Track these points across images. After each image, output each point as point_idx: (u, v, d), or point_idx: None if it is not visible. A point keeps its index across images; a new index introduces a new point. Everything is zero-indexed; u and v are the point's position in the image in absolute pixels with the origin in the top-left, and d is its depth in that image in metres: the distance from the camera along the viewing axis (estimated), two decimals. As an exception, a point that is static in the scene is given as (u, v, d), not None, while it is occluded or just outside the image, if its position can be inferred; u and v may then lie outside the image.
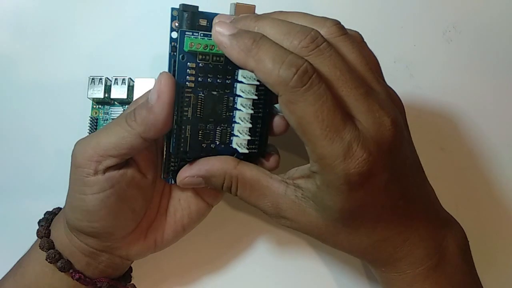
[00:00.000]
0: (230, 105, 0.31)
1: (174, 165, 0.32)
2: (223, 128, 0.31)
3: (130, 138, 0.29)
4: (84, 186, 0.30)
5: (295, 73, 0.24)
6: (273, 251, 0.40)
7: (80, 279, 0.32)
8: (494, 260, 0.42)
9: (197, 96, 0.30)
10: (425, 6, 0.47)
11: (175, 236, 0.35)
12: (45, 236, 0.33)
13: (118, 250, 0.33)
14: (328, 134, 0.25)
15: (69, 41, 0.43)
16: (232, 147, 0.32)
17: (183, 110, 0.30)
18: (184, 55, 0.29)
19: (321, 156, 0.25)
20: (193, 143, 0.31)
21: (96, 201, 0.30)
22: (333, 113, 0.25)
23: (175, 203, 0.35)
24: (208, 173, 0.31)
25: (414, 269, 0.30)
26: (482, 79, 0.45)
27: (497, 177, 0.44)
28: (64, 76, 0.42)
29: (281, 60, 0.24)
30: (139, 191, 0.32)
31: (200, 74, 0.30)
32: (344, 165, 0.25)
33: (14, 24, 0.43)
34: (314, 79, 0.24)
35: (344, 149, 0.25)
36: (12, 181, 0.41)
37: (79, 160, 0.30)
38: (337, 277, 0.41)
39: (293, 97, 0.25)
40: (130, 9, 0.45)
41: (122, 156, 0.30)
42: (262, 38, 0.26)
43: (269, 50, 0.25)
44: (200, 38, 0.29)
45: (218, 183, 0.31)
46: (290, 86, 0.24)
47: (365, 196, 0.27)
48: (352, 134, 0.25)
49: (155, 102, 0.28)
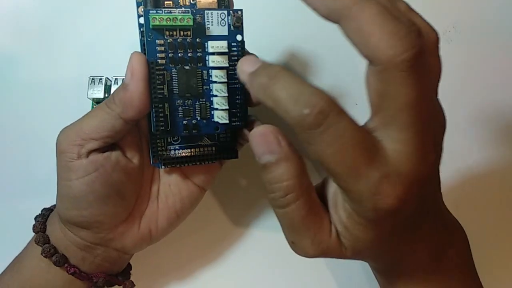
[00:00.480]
0: (205, 78, 0.31)
1: (161, 149, 0.32)
2: (202, 103, 0.31)
3: (111, 120, 0.30)
4: (69, 171, 0.30)
5: (309, 113, 0.22)
6: (270, 245, 0.41)
7: (75, 274, 0.32)
8: (494, 260, 0.41)
9: (170, 72, 0.30)
10: (425, 6, 0.46)
11: (169, 224, 0.35)
12: (40, 231, 0.33)
13: (112, 242, 0.33)
14: (351, 173, 0.23)
15: (69, 41, 0.43)
16: (214, 121, 0.32)
17: (157, 88, 0.30)
18: (151, 33, 0.30)
19: (347, 190, 0.24)
20: (174, 120, 0.31)
21: (82, 186, 0.30)
22: (355, 153, 0.23)
23: (165, 189, 0.35)
24: (290, 155, 0.26)
25: (414, 274, 0.30)
26: (482, 79, 0.45)
27: (497, 177, 0.43)
28: (64, 76, 0.43)
29: (296, 99, 0.23)
30: (126, 176, 0.32)
31: (169, 50, 0.30)
32: (373, 201, 0.23)
33: (14, 24, 0.43)
34: (331, 119, 0.22)
35: (372, 187, 0.23)
36: (12, 180, 0.41)
37: (62, 146, 0.30)
38: (334, 272, 0.41)
39: (309, 138, 0.23)
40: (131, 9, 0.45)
41: (104, 139, 0.30)
42: (279, 73, 0.24)
43: (284, 87, 0.23)
44: (164, 14, 0.29)
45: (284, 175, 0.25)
46: (305, 128, 0.22)
47: (394, 225, 0.26)
48: (381, 171, 0.23)
49: (129, 80, 0.29)
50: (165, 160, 0.33)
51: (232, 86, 0.32)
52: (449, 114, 0.44)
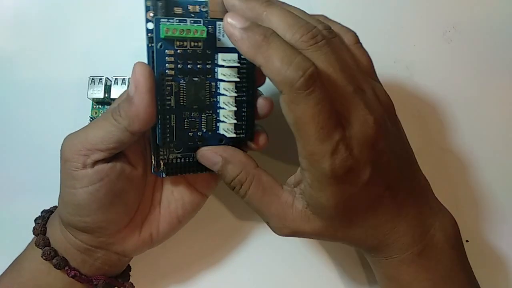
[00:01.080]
0: (213, 90, 0.31)
1: (164, 158, 0.32)
2: (208, 115, 0.31)
3: (117, 133, 0.29)
4: (74, 180, 0.30)
5: (301, 75, 0.25)
6: (271, 247, 0.40)
7: (76, 276, 0.32)
8: (493, 259, 0.41)
9: (179, 83, 0.30)
10: (425, 6, 0.47)
11: (170, 229, 0.35)
12: (41, 233, 0.33)
13: (113, 245, 0.33)
14: (320, 134, 0.26)
15: (69, 41, 0.43)
16: (219, 133, 0.32)
17: (165, 99, 0.30)
18: (161, 43, 0.29)
19: (310, 153, 0.27)
20: (179, 132, 0.31)
21: (86, 195, 0.30)
22: (328, 116, 0.26)
23: (168, 195, 0.35)
24: (230, 158, 0.31)
25: (401, 254, 0.31)
26: (482, 79, 0.45)
27: (497, 177, 0.43)
28: (64, 76, 0.42)
29: (290, 61, 0.26)
30: (130, 184, 0.32)
31: (179, 61, 0.30)
32: (330, 161, 0.27)
33: (14, 24, 0.43)
34: (319, 83, 0.26)
35: (332, 148, 0.27)
36: (12, 180, 0.41)
37: (67, 154, 0.30)
38: (334, 271, 0.41)
39: (295, 98, 0.26)
40: (132, 9, 0.45)
41: (110, 150, 0.30)
42: (273, 35, 0.27)
43: (279, 49, 0.26)
44: (176, 23, 0.29)
45: (233, 173, 0.31)
46: (295, 88, 0.26)
47: (351, 188, 0.28)
48: (340, 135, 0.27)
49: (134, 93, 0.28)
50: (167, 169, 0.32)
51: (239, 98, 0.31)
52: (449, 114, 0.45)
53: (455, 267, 0.32)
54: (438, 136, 0.44)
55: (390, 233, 0.31)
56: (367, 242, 0.32)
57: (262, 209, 0.31)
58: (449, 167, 0.43)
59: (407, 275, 0.32)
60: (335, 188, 0.28)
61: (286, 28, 0.27)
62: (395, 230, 0.31)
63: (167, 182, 0.35)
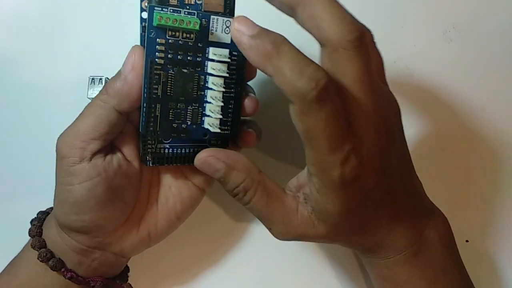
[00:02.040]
0: (201, 83, 0.31)
1: (151, 147, 0.31)
2: (194, 107, 0.31)
3: (106, 114, 0.29)
4: (71, 175, 0.30)
5: (314, 87, 0.24)
6: (271, 247, 0.40)
7: (72, 278, 0.32)
8: (493, 259, 0.41)
9: (167, 73, 0.30)
10: (425, 6, 0.46)
11: (169, 226, 0.34)
12: (36, 235, 0.32)
13: (110, 245, 0.32)
14: (332, 145, 0.26)
15: (69, 41, 0.43)
16: (203, 127, 0.31)
17: (152, 88, 0.29)
18: (153, 31, 0.29)
19: (320, 161, 0.27)
20: (164, 123, 0.30)
21: (84, 191, 0.30)
22: (341, 128, 0.26)
23: (165, 191, 0.34)
24: (234, 164, 0.30)
25: (396, 255, 0.32)
26: (482, 79, 0.45)
27: (497, 177, 0.43)
28: (64, 76, 0.42)
29: (301, 72, 0.24)
30: (127, 179, 0.32)
31: (170, 50, 0.29)
32: (340, 170, 0.26)
33: (14, 24, 0.43)
34: (332, 94, 0.25)
35: (343, 159, 0.26)
36: (11, 181, 0.41)
37: (63, 151, 0.30)
38: (335, 271, 0.40)
39: (307, 110, 0.25)
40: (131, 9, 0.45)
41: (104, 136, 0.30)
42: (284, 43, 0.26)
43: (290, 58, 0.25)
44: (170, 13, 0.29)
45: (237, 180, 0.30)
46: (307, 100, 0.24)
47: (357, 194, 0.28)
48: (351, 145, 0.26)
49: (129, 72, 0.29)
50: (154, 158, 0.32)
51: (226, 94, 0.31)
52: (449, 114, 0.45)
53: (449, 265, 0.33)
54: (438, 135, 0.44)
55: (387, 236, 0.31)
56: (364, 244, 0.32)
57: (267, 215, 0.30)
58: (449, 167, 0.43)
59: (402, 274, 0.32)
60: (342, 195, 0.28)
61: (333, 20, 0.25)
62: (391, 233, 0.31)
63: (165, 178, 0.35)
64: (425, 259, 0.32)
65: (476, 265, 0.34)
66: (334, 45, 0.25)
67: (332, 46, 0.26)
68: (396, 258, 0.32)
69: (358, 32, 0.25)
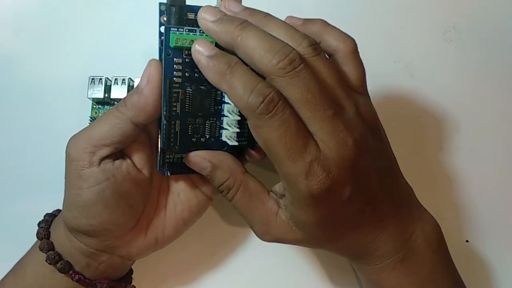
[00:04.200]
0: (218, 98, 0.31)
1: (169, 158, 0.32)
2: (212, 121, 0.32)
3: (121, 124, 0.30)
4: (80, 179, 0.30)
5: (262, 101, 0.26)
6: (273, 249, 0.40)
7: (80, 280, 0.32)
8: (492, 260, 0.41)
9: (185, 91, 0.30)
10: (425, 6, 0.47)
11: (176, 231, 0.35)
12: (45, 237, 0.32)
13: (118, 249, 0.33)
14: (290, 155, 0.27)
15: (69, 41, 0.43)
16: (221, 140, 0.32)
17: (171, 105, 0.30)
18: (170, 51, 0.30)
19: (286, 174, 0.28)
20: (183, 138, 0.31)
21: (93, 195, 0.30)
22: (295, 137, 0.27)
23: (174, 198, 0.35)
24: (219, 164, 0.31)
25: (382, 261, 0.32)
26: (482, 79, 0.45)
27: (496, 177, 0.44)
28: (64, 76, 0.42)
29: (251, 88, 0.27)
30: (136, 186, 0.32)
31: (187, 69, 0.30)
32: (306, 182, 0.27)
33: (14, 24, 0.43)
34: (279, 107, 0.27)
35: (305, 168, 0.27)
36: (12, 182, 0.41)
37: (73, 154, 0.30)
38: (334, 277, 0.41)
39: (259, 122, 0.27)
40: (131, 9, 0.45)
41: (115, 144, 0.30)
42: (237, 64, 0.28)
43: (241, 77, 0.27)
44: (185, 33, 0.29)
45: (221, 178, 0.31)
46: (257, 113, 0.27)
47: (332, 207, 0.29)
48: (312, 155, 0.27)
49: (145, 86, 0.30)
50: (171, 168, 0.33)
51: None
52: (449, 114, 0.45)
53: (438, 271, 0.33)
54: (437, 136, 0.44)
55: (371, 243, 0.32)
56: (349, 251, 0.33)
57: (247, 214, 0.32)
58: (448, 167, 0.44)
59: (389, 280, 0.33)
60: (315, 208, 0.29)
61: (262, 54, 0.27)
62: (376, 241, 0.32)
63: (174, 185, 0.35)
64: (412, 265, 0.32)
65: (476, 265, 0.34)
66: (269, 75, 0.27)
67: (268, 76, 0.27)
68: (383, 265, 0.32)
69: (286, 57, 0.27)
